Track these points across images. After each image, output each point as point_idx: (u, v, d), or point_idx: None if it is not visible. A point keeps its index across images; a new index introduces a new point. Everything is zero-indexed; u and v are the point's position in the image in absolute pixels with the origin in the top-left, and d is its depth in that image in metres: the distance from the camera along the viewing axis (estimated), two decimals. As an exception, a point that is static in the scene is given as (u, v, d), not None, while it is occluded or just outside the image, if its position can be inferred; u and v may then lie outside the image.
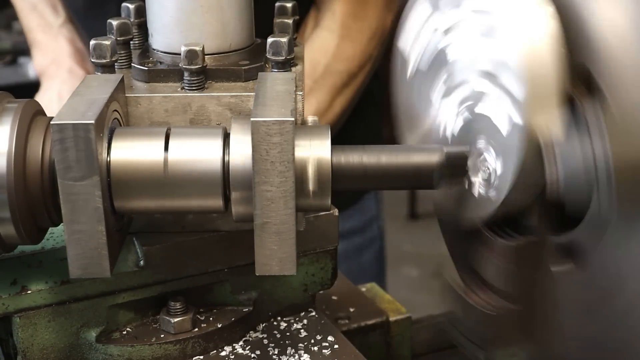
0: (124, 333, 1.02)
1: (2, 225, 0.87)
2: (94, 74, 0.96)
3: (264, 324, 1.08)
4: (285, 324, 1.09)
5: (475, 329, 0.97)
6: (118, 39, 1.02)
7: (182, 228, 1.01)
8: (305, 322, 1.09)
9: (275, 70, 0.98)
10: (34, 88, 1.87)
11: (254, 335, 1.06)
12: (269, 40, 0.98)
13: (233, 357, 1.02)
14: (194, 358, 1.01)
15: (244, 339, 1.05)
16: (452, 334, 1.00)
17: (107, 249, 0.85)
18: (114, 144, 0.87)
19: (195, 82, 0.96)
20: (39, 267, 0.98)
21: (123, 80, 0.95)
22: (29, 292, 0.96)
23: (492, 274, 0.93)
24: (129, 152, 0.87)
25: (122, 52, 1.02)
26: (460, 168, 0.90)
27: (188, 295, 1.03)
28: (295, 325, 1.08)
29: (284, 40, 0.97)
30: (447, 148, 0.90)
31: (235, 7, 1.00)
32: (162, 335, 1.01)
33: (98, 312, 0.99)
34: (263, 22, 1.09)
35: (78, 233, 0.84)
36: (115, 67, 0.98)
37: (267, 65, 1.01)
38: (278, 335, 1.06)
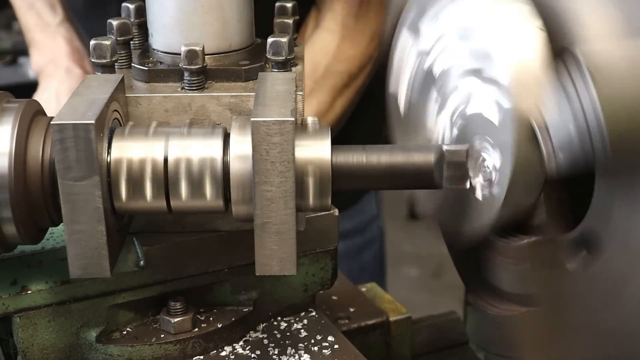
0: (124, 333, 1.02)
1: (2, 225, 0.87)
2: (94, 74, 0.96)
3: (264, 324, 1.08)
4: (286, 324, 1.09)
5: (502, 342, 0.97)
6: (118, 39, 1.02)
7: (182, 228, 1.01)
8: (306, 322, 1.09)
9: (276, 70, 0.98)
10: (34, 88, 1.87)
11: (254, 335, 1.06)
12: (269, 40, 0.98)
13: (233, 357, 1.02)
14: (194, 358, 1.01)
15: (244, 339, 1.05)
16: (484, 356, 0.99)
17: (107, 249, 0.85)
18: (114, 144, 0.87)
19: (196, 82, 0.96)
20: (39, 267, 0.98)
21: (123, 80, 0.95)
22: (29, 292, 0.96)
23: (508, 281, 0.92)
24: (129, 152, 0.87)
25: (122, 52, 1.02)
26: (460, 166, 0.90)
27: (188, 295, 1.03)
28: (296, 325, 1.08)
29: (284, 40, 0.97)
30: (446, 147, 0.90)
31: (236, 7, 1.00)
32: (162, 335, 1.01)
33: (98, 312, 0.99)
34: (263, 22, 1.09)
35: (78, 233, 0.84)
36: (116, 67, 0.98)
37: (267, 65, 1.01)
38: (278, 335, 1.06)
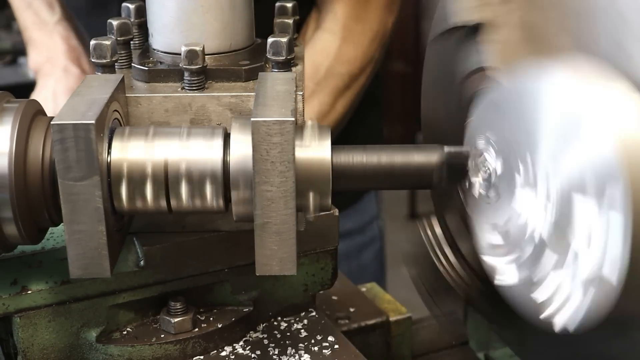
0: (124, 333, 1.02)
1: (2, 225, 0.87)
2: (94, 74, 0.96)
3: (264, 324, 1.08)
4: (286, 324, 1.08)
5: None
6: (118, 39, 1.02)
7: (182, 228, 1.01)
8: (306, 322, 1.09)
9: (276, 70, 0.98)
10: (34, 88, 1.87)
11: (254, 335, 1.06)
12: (269, 40, 0.98)
13: (233, 357, 1.02)
14: (194, 358, 1.01)
15: (244, 339, 1.05)
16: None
17: (107, 249, 0.85)
18: (114, 144, 0.87)
19: (196, 82, 0.96)
20: (39, 267, 0.98)
21: (123, 80, 0.95)
22: (29, 292, 0.96)
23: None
24: (130, 152, 0.87)
25: (122, 52, 1.02)
26: (461, 168, 0.90)
27: (188, 295, 1.03)
28: (296, 325, 1.08)
29: (284, 40, 0.97)
30: (447, 148, 0.90)
31: (236, 7, 1.00)
32: (162, 336, 1.01)
33: (98, 312, 0.99)
34: (263, 22, 1.09)
35: (78, 233, 0.84)
36: (116, 67, 0.98)
37: (267, 65, 1.01)
38: (278, 335, 1.06)
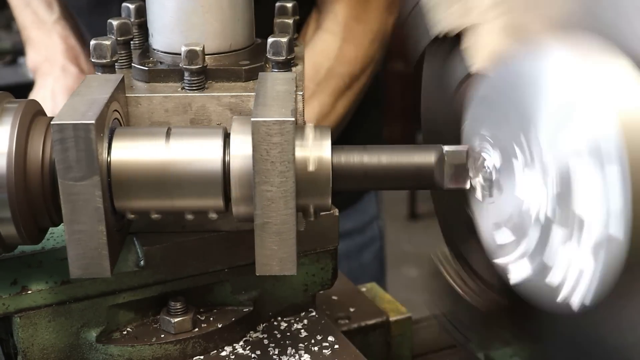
0: (124, 333, 1.02)
1: (2, 225, 0.87)
2: (95, 74, 0.96)
3: (265, 324, 1.08)
4: (286, 324, 1.08)
5: (465, 321, 0.96)
6: (118, 39, 1.02)
7: (182, 228, 1.01)
8: (306, 322, 1.09)
9: (276, 70, 0.98)
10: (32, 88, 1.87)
11: (255, 335, 1.06)
12: (270, 40, 0.98)
13: (233, 357, 1.02)
14: (195, 358, 1.01)
15: (245, 339, 1.05)
16: (445, 327, 0.99)
17: (107, 249, 0.85)
18: (114, 144, 0.87)
19: (196, 82, 0.96)
20: (39, 267, 0.98)
21: (123, 80, 0.95)
22: (29, 292, 0.96)
23: (481, 265, 0.92)
24: (130, 152, 0.87)
25: (122, 52, 1.02)
26: (461, 167, 0.90)
27: (188, 295, 1.03)
28: (296, 325, 1.08)
29: (284, 40, 0.97)
30: (447, 147, 0.90)
31: (236, 7, 1.00)
32: (162, 336, 1.01)
33: (98, 312, 0.99)
34: (263, 22, 1.09)
35: (78, 233, 0.84)
36: (116, 67, 0.98)
37: (267, 65, 1.01)
38: (278, 335, 1.06)
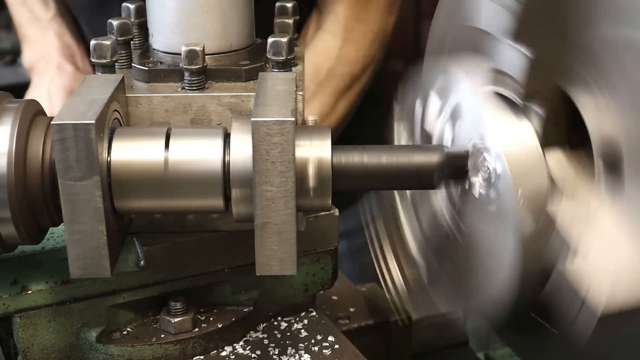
0: (125, 333, 1.02)
1: (2, 225, 0.87)
2: (95, 74, 0.96)
3: (265, 324, 1.08)
4: (286, 324, 1.08)
5: None
6: (118, 39, 1.02)
7: (182, 228, 1.01)
8: (306, 322, 1.09)
9: (276, 70, 0.98)
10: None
11: (255, 335, 1.06)
12: (270, 40, 0.98)
13: (233, 357, 1.02)
14: (195, 358, 1.01)
15: (245, 339, 1.05)
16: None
17: (107, 249, 0.85)
18: (115, 144, 0.87)
19: (196, 82, 0.96)
20: (39, 267, 0.98)
21: (123, 80, 0.95)
22: (30, 292, 0.96)
23: None
24: (130, 152, 0.87)
25: (122, 52, 1.02)
26: (461, 168, 0.90)
27: (188, 295, 1.03)
28: (296, 325, 1.08)
29: (284, 40, 0.97)
30: (447, 148, 0.90)
31: (236, 7, 1.00)
32: (162, 336, 1.01)
33: (98, 312, 0.99)
34: (263, 22, 1.09)
35: (78, 233, 0.84)
36: (116, 67, 0.98)
37: (267, 65, 1.01)
38: (278, 335, 1.06)
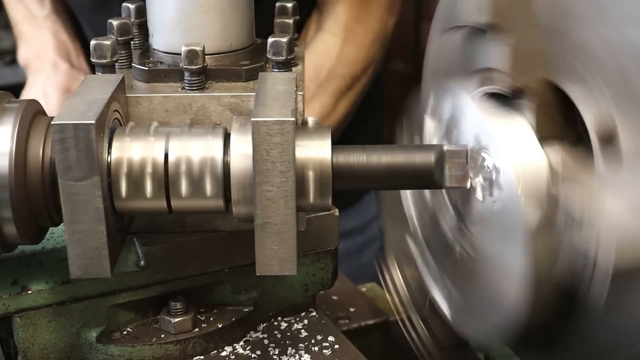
0: (125, 333, 1.02)
1: (2, 225, 0.87)
2: (95, 74, 0.96)
3: (265, 324, 1.08)
4: (286, 324, 1.08)
5: None
6: (118, 39, 1.02)
7: (182, 228, 1.01)
8: (306, 322, 1.09)
9: (276, 70, 0.98)
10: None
11: (255, 335, 1.06)
12: (270, 40, 0.98)
13: (233, 357, 1.02)
14: (195, 358, 1.01)
15: (245, 339, 1.05)
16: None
17: (107, 249, 0.85)
18: (115, 144, 0.87)
19: (196, 82, 0.96)
20: (40, 267, 0.98)
21: (123, 80, 0.95)
22: (30, 292, 0.96)
23: None
24: (130, 152, 0.87)
25: (122, 52, 1.02)
26: (461, 167, 0.90)
27: (188, 296, 1.03)
28: (296, 325, 1.08)
29: (285, 40, 0.97)
30: (447, 147, 0.90)
31: (236, 7, 1.00)
32: (162, 336, 1.01)
33: (98, 312, 0.99)
34: (263, 22, 1.09)
35: (78, 233, 0.84)
36: (116, 67, 0.98)
37: (267, 65, 1.01)
38: (278, 335, 1.06)
